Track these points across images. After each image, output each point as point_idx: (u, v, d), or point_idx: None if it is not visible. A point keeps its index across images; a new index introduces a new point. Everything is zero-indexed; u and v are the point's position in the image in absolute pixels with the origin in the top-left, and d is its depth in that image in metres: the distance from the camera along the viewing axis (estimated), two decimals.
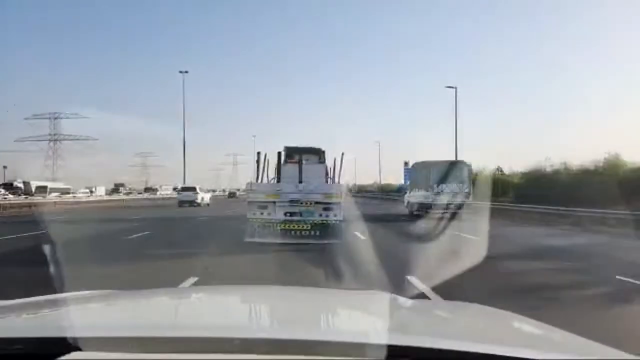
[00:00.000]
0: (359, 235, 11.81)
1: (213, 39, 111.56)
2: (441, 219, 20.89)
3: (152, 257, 9.34)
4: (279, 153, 12.61)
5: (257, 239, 10.16)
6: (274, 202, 10.55)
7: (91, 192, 47.45)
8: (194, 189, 36.95)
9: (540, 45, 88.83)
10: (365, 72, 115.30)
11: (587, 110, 78.93)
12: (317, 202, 10.57)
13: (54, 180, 57.86)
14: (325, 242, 10.05)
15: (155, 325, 1.31)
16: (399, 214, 26.80)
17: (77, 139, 58.99)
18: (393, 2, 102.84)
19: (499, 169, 35.25)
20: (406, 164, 44.07)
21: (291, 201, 10.56)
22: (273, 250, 9.38)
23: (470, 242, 11.37)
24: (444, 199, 21.96)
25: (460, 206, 22.13)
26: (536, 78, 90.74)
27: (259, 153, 12.29)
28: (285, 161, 14.20)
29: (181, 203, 34.67)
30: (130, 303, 1.83)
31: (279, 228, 10.44)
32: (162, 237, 13.74)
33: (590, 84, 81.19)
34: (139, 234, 13.72)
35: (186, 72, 43.31)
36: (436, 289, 5.43)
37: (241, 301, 1.99)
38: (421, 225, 16.58)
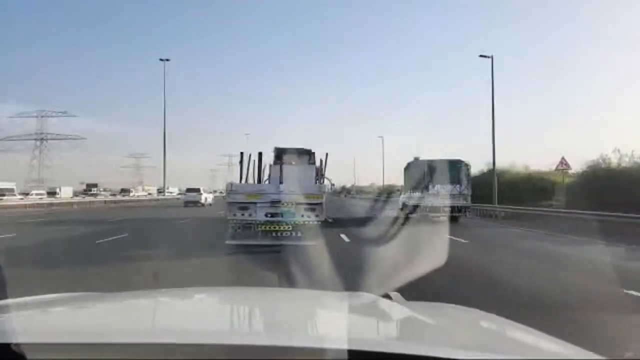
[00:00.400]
0: (344, 238, 11.48)
1: (207, 38, 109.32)
2: (436, 223, 19.36)
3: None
4: (260, 154, 12.49)
5: (237, 241, 9.88)
6: (255, 203, 10.35)
7: (54, 194, 43.32)
8: (198, 190, 38.28)
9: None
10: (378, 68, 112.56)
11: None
12: (298, 203, 10.31)
13: (39, 181, 56.05)
14: (307, 243, 9.53)
15: (103, 331, 1.29)
16: (392, 216, 25.09)
17: (64, 138, 56.62)
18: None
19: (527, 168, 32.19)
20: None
21: (272, 202, 10.34)
22: (249, 252, 9.00)
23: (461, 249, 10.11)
24: (440, 201, 20.19)
25: (460, 209, 20.36)
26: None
27: (242, 153, 12.16)
28: (275, 162, 14.50)
29: (186, 203, 35.64)
30: (83, 307, 1.79)
31: (259, 229, 10.31)
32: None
33: None
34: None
35: (167, 60, 42.38)
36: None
37: (199, 304, 1.95)
38: (413, 230, 15.08)
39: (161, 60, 42.08)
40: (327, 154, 13.86)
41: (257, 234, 10.34)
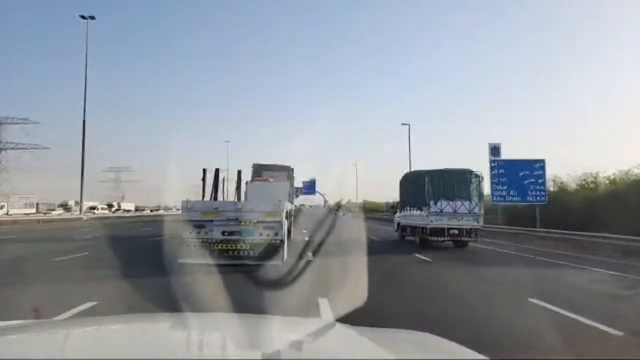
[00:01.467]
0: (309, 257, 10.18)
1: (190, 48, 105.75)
2: (441, 249, 15.21)
3: None
4: (239, 171, 13.13)
5: (191, 260, 9.49)
6: (211, 221, 10.09)
7: None
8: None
9: None
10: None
11: None
12: (257, 221, 10.11)
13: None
14: (265, 263, 9.55)
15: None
16: (386, 239, 20.82)
17: (24, 148, 50.70)
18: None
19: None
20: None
21: (229, 220, 10.11)
22: (203, 272, 8.30)
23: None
24: (445, 222, 16.04)
25: (470, 232, 16.16)
26: None
27: (204, 170, 11.95)
28: (252, 179, 15.80)
29: None
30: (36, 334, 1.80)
31: (216, 248, 9.97)
32: None
33: None
34: None
35: (92, 17, 34.49)
36: None
37: (148, 331, 1.93)
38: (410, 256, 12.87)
39: (83, 18, 33.94)
40: (292, 170, 15.87)
41: (213, 253, 9.83)
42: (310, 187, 58.28)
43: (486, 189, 16.70)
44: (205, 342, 1.80)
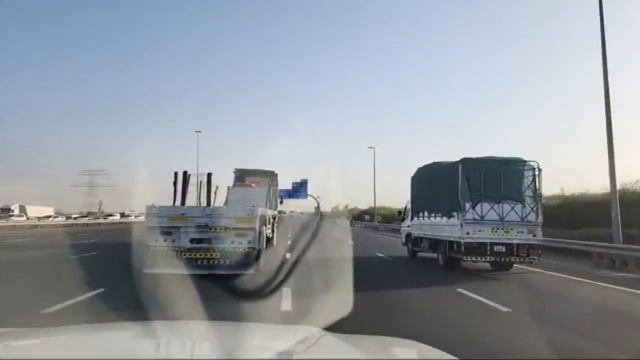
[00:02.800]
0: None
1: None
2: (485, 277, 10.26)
3: None
4: (209, 175, 11.75)
5: (157, 270, 8.64)
6: (179, 228, 9.39)
7: None
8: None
9: None
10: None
11: None
12: (228, 228, 9.43)
13: None
14: (237, 272, 8.93)
15: None
16: (400, 257, 15.75)
17: None
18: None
19: None
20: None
21: (198, 226, 9.40)
22: (171, 283, 6.81)
23: None
24: (486, 235, 11.01)
25: (526, 249, 11.17)
26: None
27: (175, 173, 11.01)
28: (234, 184, 16.73)
29: None
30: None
31: (184, 257, 9.25)
32: None
33: None
34: None
35: None
36: None
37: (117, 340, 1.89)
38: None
39: None
40: (275, 175, 17.94)
41: (180, 261, 9.06)
42: (300, 190, 52.40)
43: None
44: (188, 350, 1.79)
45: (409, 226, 15.87)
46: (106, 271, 10.82)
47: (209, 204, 10.96)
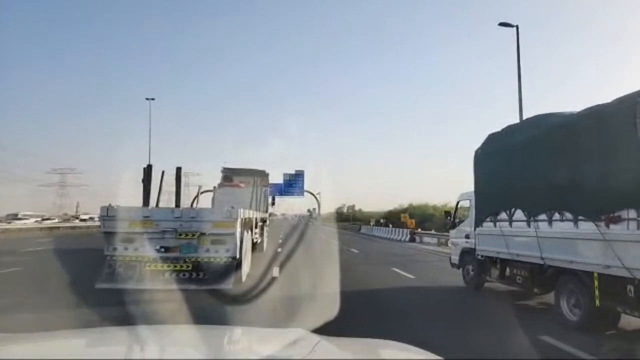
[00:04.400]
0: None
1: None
2: None
3: None
4: (178, 169, 10.31)
5: (113, 284, 7.48)
6: (142, 234, 8.01)
7: None
8: None
9: None
10: None
11: None
12: (202, 233, 8.09)
13: None
14: (212, 287, 7.56)
15: None
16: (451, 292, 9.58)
17: None
18: None
19: None
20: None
21: (165, 232, 8.04)
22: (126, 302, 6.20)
23: None
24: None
25: None
26: None
27: (145, 169, 9.69)
28: (221, 184, 16.03)
29: None
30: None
31: (148, 268, 7.84)
32: None
33: None
34: None
35: None
36: None
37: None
38: None
39: None
40: (266, 174, 18.04)
41: (144, 274, 7.75)
42: (294, 185, 44.44)
43: None
44: (177, 353, 1.79)
45: (467, 237, 9.42)
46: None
47: (177, 204, 9.93)
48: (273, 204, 21.34)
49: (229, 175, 17.17)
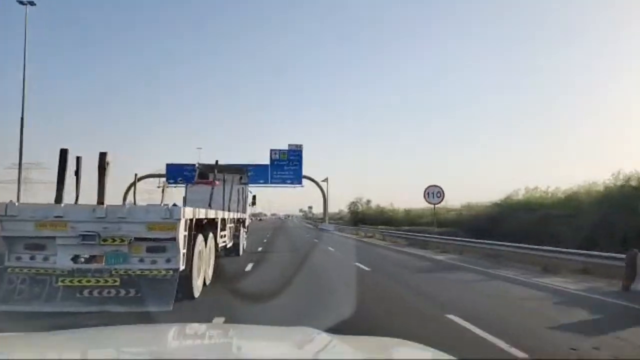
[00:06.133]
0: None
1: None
2: None
3: None
4: (102, 154, 7.99)
5: (13, 306, 6.07)
6: (54, 238, 6.65)
7: None
8: None
9: None
10: None
11: None
12: (135, 238, 6.73)
13: None
14: (146, 309, 6.03)
15: None
16: None
17: None
18: None
19: None
20: None
21: (85, 236, 6.59)
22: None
23: None
24: None
25: None
26: None
27: (62, 151, 7.79)
28: (196, 181, 15.44)
29: None
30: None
31: (61, 284, 6.43)
32: None
33: None
34: None
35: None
36: None
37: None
38: None
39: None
40: (246, 170, 17.01)
41: (55, 292, 6.35)
42: (285, 168, 29.84)
43: None
44: (185, 352, 1.79)
45: None
46: None
47: (101, 200, 7.52)
48: (254, 203, 19.89)
49: (204, 172, 15.99)
